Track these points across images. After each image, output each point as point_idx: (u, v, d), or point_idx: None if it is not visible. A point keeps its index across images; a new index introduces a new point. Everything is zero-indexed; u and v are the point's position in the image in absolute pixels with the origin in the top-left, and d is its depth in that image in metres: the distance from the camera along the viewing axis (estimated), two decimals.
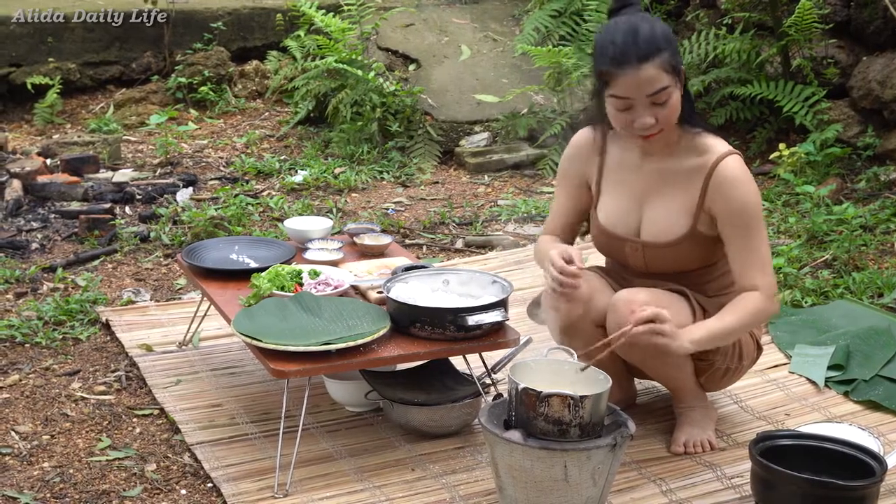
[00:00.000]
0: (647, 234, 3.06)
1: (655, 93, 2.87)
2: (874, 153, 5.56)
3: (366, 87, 6.40)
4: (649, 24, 2.91)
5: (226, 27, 7.58)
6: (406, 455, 3.12)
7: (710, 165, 2.98)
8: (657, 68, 2.86)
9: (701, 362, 3.07)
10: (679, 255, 3.04)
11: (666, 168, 3.04)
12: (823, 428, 3.03)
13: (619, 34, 2.89)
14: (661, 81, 2.87)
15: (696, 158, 3.01)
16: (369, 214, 5.38)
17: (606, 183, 3.13)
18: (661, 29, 2.91)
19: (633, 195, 3.08)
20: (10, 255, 4.76)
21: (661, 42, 2.88)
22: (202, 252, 3.62)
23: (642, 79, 2.86)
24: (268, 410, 3.36)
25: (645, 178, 3.07)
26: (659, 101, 2.89)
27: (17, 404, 3.47)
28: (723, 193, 2.96)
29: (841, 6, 5.87)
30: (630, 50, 2.86)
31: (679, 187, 3.02)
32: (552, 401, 2.64)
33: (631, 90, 2.88)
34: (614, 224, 3.10)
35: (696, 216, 3.00)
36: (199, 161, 6.30)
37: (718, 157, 2.98)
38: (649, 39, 2.86)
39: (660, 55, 2.86)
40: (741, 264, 2.97)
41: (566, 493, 2.67)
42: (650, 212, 3.06)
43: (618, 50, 2.87)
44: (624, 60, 2.86)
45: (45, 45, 7.19)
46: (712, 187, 2.97)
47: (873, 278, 4.27)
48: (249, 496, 2.90)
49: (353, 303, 3.19)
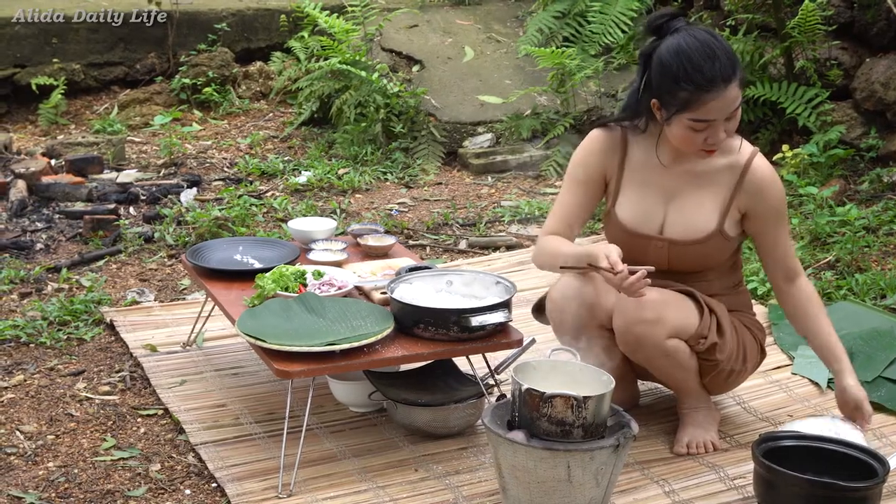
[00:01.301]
0: (672, 233, 3.07)
1: (735, 110, 2.91)
2: (877, 155, 5.56)
3: (369, 88, 6.41)
4: (717, 39, 2.90)
5: (230, 28, 7.59)
6: (410, 455, 3.13)
7: (743, 165, 3.03)
8: (737, 86, 2.89)
9: (706, 362, 3.08)
10: (703, 253, 3.07)
11: (695, 168, 3.07)
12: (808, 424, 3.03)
13: (698, 58, 2.86)
14: (739, 97, 2.91)
15: (724, 158, 3.05)
16: (373, 215, 5.38)
17: (627, 182, 3.13)
18: (722, 40, 2.91)
19: (658, 194, 3.09)
20: (15, 256, 4.78)
21: (735, 57, 2.89)
22: (206, 252, 3.64)
23: (729, 99, 2.88)
24: (272, 411, 3.37)
25: (673, 178, 3.08)
26: (732, 117, 2.93)
27: (21, 404, 3.48)
28: (760, 193, 3.04)
29: (844, 8, 5.87)
30: (716, 74, 2.85)
31: (707, 187, 3.06)
32: (556, 401, 2.65)
33: (716, 112, 2.89)
34: (638, 223, 3.10)
35: (723, 214, 3.05)
36: (203, 162, 6.31)
37: (749, 157, 3.05)
38: (727, 58, 2.87)
39: (738, 72, 2.88)
40: (782, 254, 3.10)
41: (569, 494, 2.68)
42: (676, 210, 3.08)
43: (703, 76, 2.85)
44: (712, 85, 2.85)
45: (49, 45, 7.20)
46: (747, 188, 3.03)
47: (876, 280, 4.27)
48: (253, 496, 2.91)
49: (357, 303, 3.20)
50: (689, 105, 2.88)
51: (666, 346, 2.98)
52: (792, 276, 3.12)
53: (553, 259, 3.09)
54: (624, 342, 3.02)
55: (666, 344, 2.98)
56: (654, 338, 2.96)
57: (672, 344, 2.99)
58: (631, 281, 2.84)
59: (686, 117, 2.90)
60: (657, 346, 2.98)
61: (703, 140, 2.93)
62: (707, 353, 3.04)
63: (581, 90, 6.46)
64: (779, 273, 3.12)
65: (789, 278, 3.12)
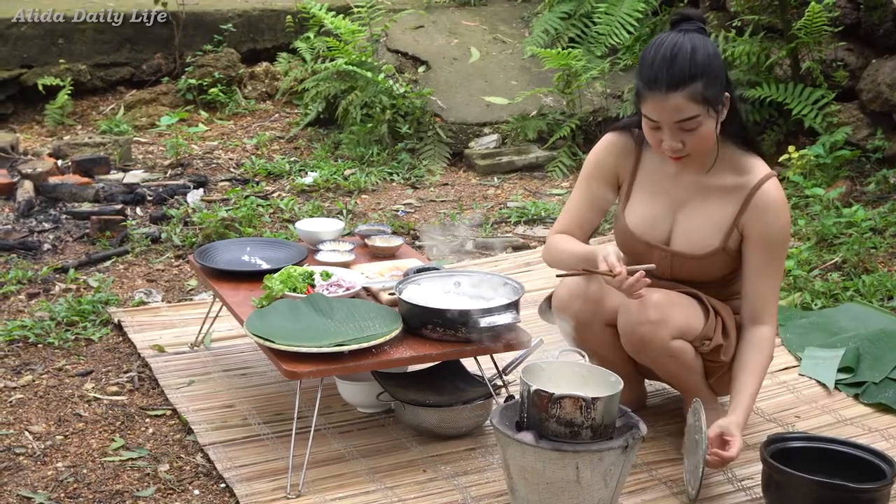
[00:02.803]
0: (678, 245, 3.06)
1: (682, 121, 2.87)
2: (883, 156, 5.56)
3: (375, 88, 6.42)
4: (692, 47, 2.85)
5: (236, 29, 7.60)
6: (418, 456, 3.13)
7: (752, 186, 2.97)
8: (685, 99, 2.83)
9: (711, 363, 3.08)
10: (705, 267, 3.05)
11: (705, 182, 3.04)
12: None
13: (659, 56, 2.86)
14: (688, 111, 2.85)
15: (736, 177, 3.01)
16: (379, 216, 5.39)
17: (638, 187, 3.13)
18: (703, 55, 2.85)
19: (666, 203, 3.08)
20: (23, 256, 4.79)
21: (696, 71, 2.83)
22: (214, 253, 3.64)
23: (669, 106, 2.85)
24: (280, 411, 3.37)
25: (682, 188, 3.07)
26: (687, 129, 2.88)
27: (30, 404, 3.49)
28: (761, 216, 2.96)
29: (850, 9, 5.87)
30: (662, 76, 2.83)
31: (716, 203, 3.03)
32: (564, 402, 2.65)
33: (657, 114, 2.87)
34: (644, 230, 3.10)
35: (728, 233, 3.01)
36: (210, 162, 6.32)
37: (761, 179, 2.98)
38: (684, 67, 2.82)
39: (690, 85, 2.82)
40: (758, 289, 2.98)
41: (578, 495, 2.68)
42: (683, 223, 3.06)
43: (652, 73, 2.85)
44: (654, 86, 2.84)
45: (55, 46, 7.21)
46: (751, 208, 2.97)
47: (883, 281, 4.27)
48: (262, 496, 2.92)
49: (366, 304, 3.20)
50: (639, 97, 2.91)
51: (670, 347, 2.98)
52: (758, 319, 2.99)
53: (559, 255, 3.11)
54: (628, 343, 3.02)
55: (670, 345, 2.98)
56: (659, 339, 2.96)
57: (677, 345, 2.99)
58: (630, 283, 2.84)
59: (641, 110, 2.92)
60: (661, 347, 2.98)
61: (660, 141, 2.92)
62: (712, 354, 3.04)
63: (587, 91, 6.46)
64: (747, 308, 3.01)
65: (754, 320, 3.00)
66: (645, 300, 2.93)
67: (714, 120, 2.90)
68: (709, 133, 2.90)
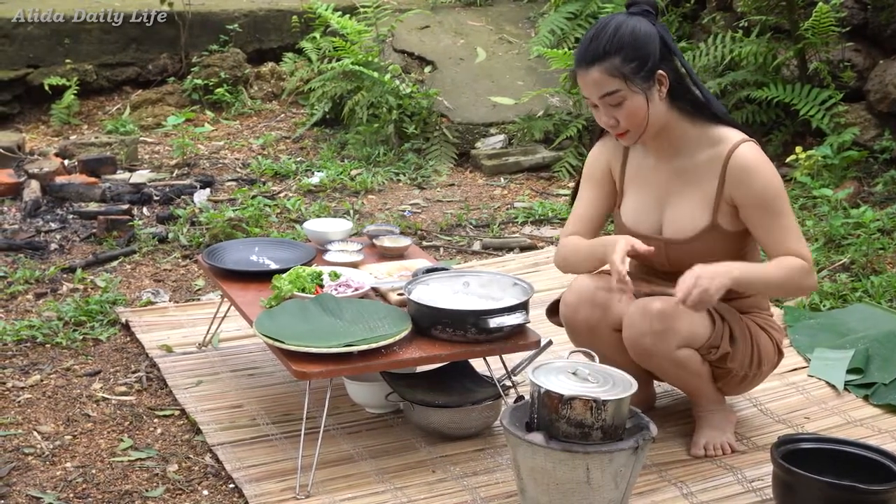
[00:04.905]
0: (668, 232, 3.06)
1: (604, 96, 2.91)
2: (891, 156, 5.55)
3: (382, 89, 6.42)
4: (617, 25, 2.90)
5: (241, 29, 7.60)
6: (427, 457, 3.12)
7: (725, 155, 2.97)
8: (602, 73, 2.89)
9: (718, 369, 3.07)
10: (701, 250, 3.01)
11: (681, 165, 3.05)
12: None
13: (588, 33, 2.96)
14: (607, 86, 2.90)
15: (709, 150, 3.01)
16: (386, 216, 5.39)
17: (628, 183, 3.15)
18: (628, 33, 2.88)
19: (653, 194, 3.09)
20: (30, 256, 4.79)
21: (612, 47, 2.87)
22: (223, 253, 3.64)
23: (588, 81, 2.92)
24: (289, 412, 3.37)
25: (663, 177, 3.08)
26: (613, 104, 2.92)
27: (38, 404, 3.48)
28: (742, 181, 2.94)
29: (858, 9, 5.86)
30: (581, 52, 2.93)
31: (696, 182, 3.03)
32: (575, 403, 2.65)
33: (583, 90, 2.97)
34: (637, 223, 3.11)
35: (715, 208, 3.00)
36: (216, 162, 6.32)
37: (732, 146, 2.96)
38: (605, 42, 2.88)
39: (608, 60, 2.87)
40: (775, 240, 2.95)
41: (588, 496, 2.67)
42: (670, 209, 3.07)
43: (578, 51, 2.96)
44: (578, 63, 2.94)
45: (62, 46, 7.22)
46: (730, 177, 2.96)
47: (891, 282, 4.26)
48: (271, 497, 2.91)
49: (374, 304, 3.20)
50: (574, 78, 3.01)
51: (676, 357, 2.98)
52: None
53: (569, 256, 3.12)
54: (634, 353, 3.02)
55: (676, 355, 2.97)
56: (664, 349, 2.95)
57: (682, 354, 2.98)
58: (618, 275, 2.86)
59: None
60: (667, 356, 2.97)
61: (601, 119, 2.98)
62: (719, 361, 3.03)
63: None
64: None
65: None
66: (648, 310, 2.93)
67: (642, 96, 2.91)
68: (637, 108, 2.92)
